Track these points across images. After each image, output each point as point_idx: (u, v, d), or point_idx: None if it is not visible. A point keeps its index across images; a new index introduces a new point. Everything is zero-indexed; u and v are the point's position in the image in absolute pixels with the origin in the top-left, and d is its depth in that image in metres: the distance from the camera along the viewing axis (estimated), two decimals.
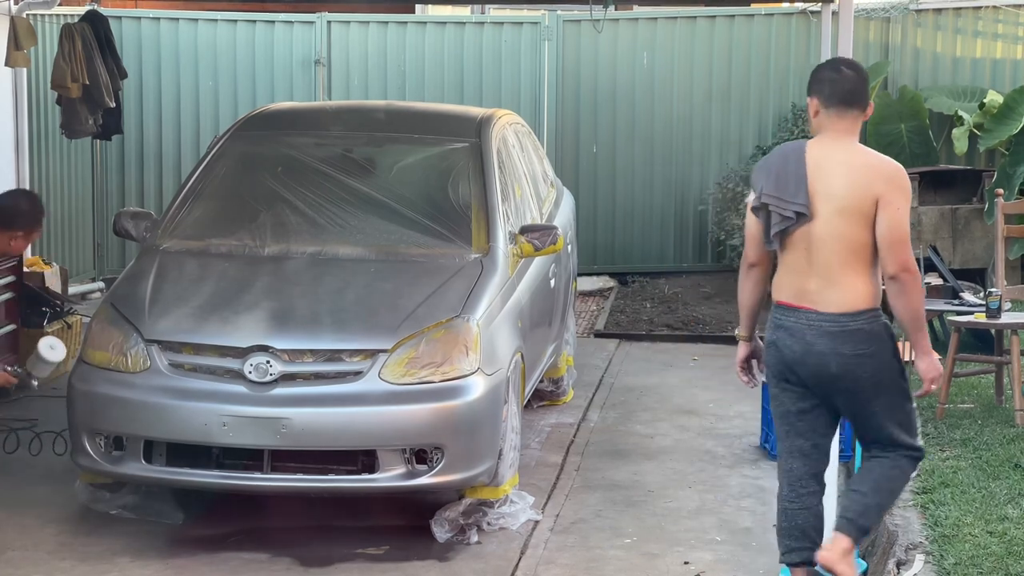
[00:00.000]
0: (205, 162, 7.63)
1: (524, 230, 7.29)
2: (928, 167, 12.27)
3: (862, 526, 5.04)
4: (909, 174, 5.16)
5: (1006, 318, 7.97)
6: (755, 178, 5.15)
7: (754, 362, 5.42)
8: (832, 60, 5.40)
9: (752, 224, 5.15)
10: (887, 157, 5.05)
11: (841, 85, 5.03)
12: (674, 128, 13.20)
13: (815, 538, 5.11)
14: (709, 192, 12.98)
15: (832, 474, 6.05)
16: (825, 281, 4.96)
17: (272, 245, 7.04)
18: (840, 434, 6.33)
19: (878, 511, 5.12)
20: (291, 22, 13.09)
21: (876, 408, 5.03)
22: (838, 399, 5.06)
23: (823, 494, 5.19)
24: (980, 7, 13.06)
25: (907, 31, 13.08)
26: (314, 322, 6.40)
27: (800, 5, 12.89)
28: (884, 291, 5.00)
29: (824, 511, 5.23)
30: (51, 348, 6.13)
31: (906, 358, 8.68)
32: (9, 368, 6.12)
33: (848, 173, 4.95)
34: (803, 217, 4.95)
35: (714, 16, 13.11)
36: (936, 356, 5.15)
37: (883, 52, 13.07)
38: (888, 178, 4.91)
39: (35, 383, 6.26)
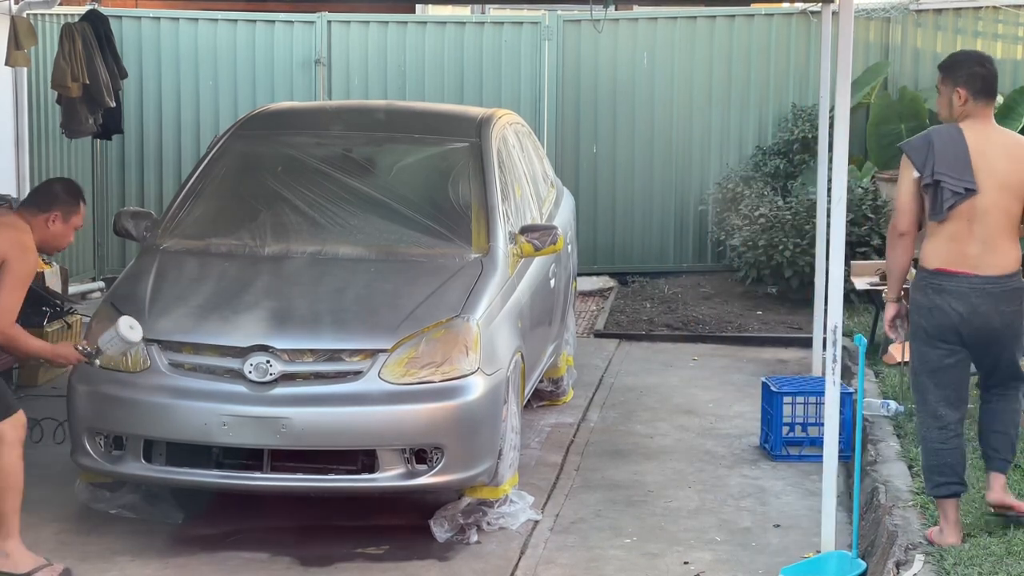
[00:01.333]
0: (205, 162, 7.64)
1: (524, 230, 7.30)
2: None
3: (1010, 459, 5.84)
4: None
5: None
6: (915, 158, 5.79)
7: (898, 321, 5.97)
8: (977, 55, 6.22)
9: (909, 198, 5.75)
10: None
11: (990, 80, 6.02)
12: (674, 128, 13.19)
13: (961, 473, 5.75)
14: (709, 192, 12.98)
15: (832, 475, 6.07)
16: (985, 247, 5.60)
17: (272, 245, 7.05)
18: (840, 434, 6.34)
19: (1016, 442, 5.88)
20: (291, 22, 13.09)
21: (1013, 352, 5.72)
22: (990, 350, 5.70)
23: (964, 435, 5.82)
24: (980, 7, 13.06)
25: (907, 31, 13.07)
26: (314, 322, 6.40)
27: (800, 5, 12.88)
28: None
29: None
30: (131, 328, 5.95)
31: (904, 359, 8.68)
32: (79, 346, 6.06)
33: (1007, 154, 5.76)
34: (971, 192, 5.60)
35: (714, 16, 13.11)
36: None
37: (883, 52, 13.07)
38: None
39: (97, 362, 6.14)
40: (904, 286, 5.89)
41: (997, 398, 5.80)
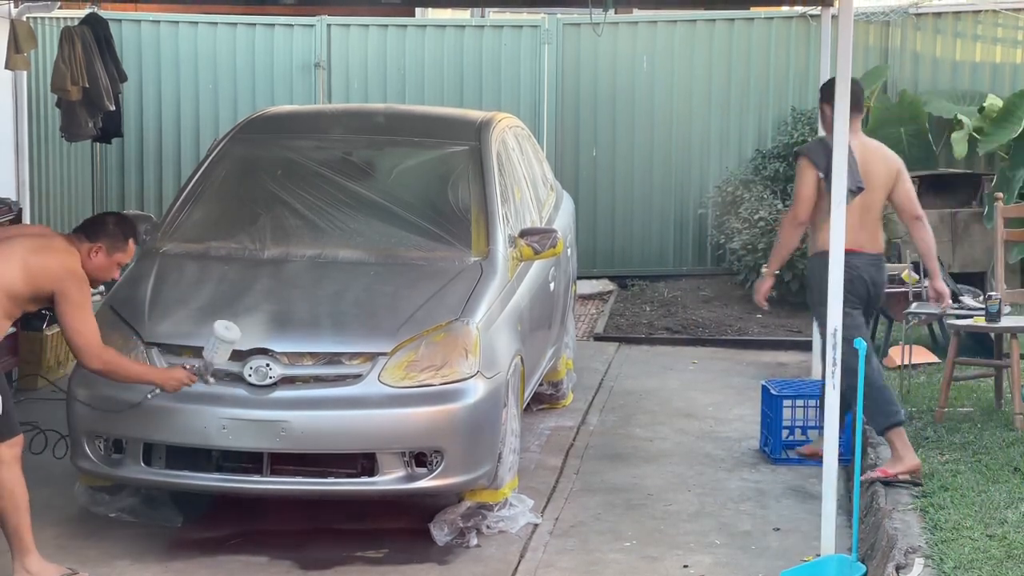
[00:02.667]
0: (205, 165, 7.64)
1: (524, 233, 7.29)
2: (927, 171, 12.27)
3: None
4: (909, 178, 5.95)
5: (1006, 322, 7.97)
6: (818, 161, 6.92)
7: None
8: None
9: (811, 193, 7.03)
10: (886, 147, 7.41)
11: (859, 96, 7.09)
12: (674, 131, 13.20)
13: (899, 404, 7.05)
14: (708, 195, 12.98)
15: (832, 475, 6.07)
16: (870, 233, 7.08)
17: (272, 248, 7.04)
18: (841, 436, 6.34)
19: None
20: (291, 25, 13.10)
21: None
22: (872, 308, 7.32)
23: None
24: (980, 11, 13.06)
25: (907, 35, 13.08)
26: (314, 325, 6.40)
27: (800, 9, 12.88)
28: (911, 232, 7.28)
29: None
30: (227, 328, 5.90)
31: (905, 362, 8.69)
32: (188, 365, 6.04)
33: (882, 158, 7.24)
34: (862, 190, 6.89)
35: (714, 20, 13.11)
36: None
37: (882, 56, 13.08)
38: (900, 161, 7.33)
39: (212, 380, 6.01)
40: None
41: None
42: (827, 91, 6.83)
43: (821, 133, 9.25)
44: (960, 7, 13.15)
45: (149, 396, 6.03)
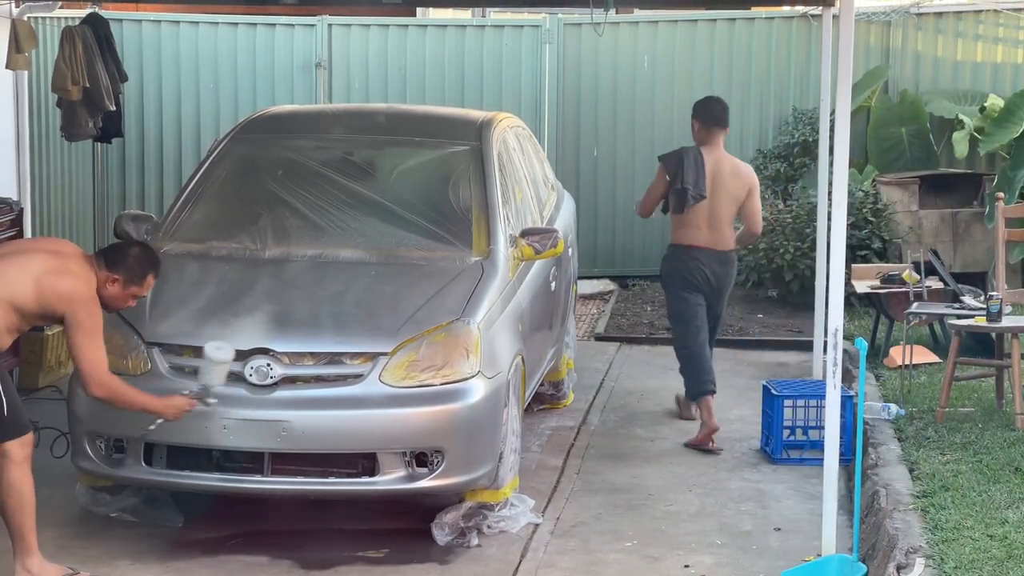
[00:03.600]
0: (206, 165, 7.64)
1: (525, 233, 7.29)
2: (929, 171, 12.28)
3: (715, 383, 8.36)
4: (910, 178, 5.92)
5: (1006, 322, 7.96)
6: (669, 170, 8.21)
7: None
8: (713, 98, 8.60)
9: (658, 195, 8.35)
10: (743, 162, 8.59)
11: (717, 114, 8.37)
12: (675, 131, 13.16)
13: (713, 376, 8.27)
14: None
15: (832, 475, 6.07)
16: (714, 232, 8.25)
17: (273, 248, 7.04)
18: (842, 437, 6.34)
19: None
20: (292, 25, 13.10)
21: (724, 303, 8.54)
22: (718, 298, 8.39)
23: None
24: (981, 11, 13.06)
25: (908, 35, 13.08)
26: (315, 325, 6.39)
27: (800, 9, 12.88)
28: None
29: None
30: (218, 349, 5.91)
31: (906, 362, 8.69)
32: (187, 391, 6.05)
33: (732, 173, 8.29)
34: (703, 198, 8.14)
35: (715, 20, 13.12)
36: None
37: (884, 56, 13.08)
38: (753, 177, 8.41)
39: (213, 400, 5.98)
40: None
41: (711, 337, 8.41)
42: (698, 108, 8.42)
43: (822, 133, 9.27)
44: (961, 7, 13.15)
45: (151, 428, 6.01)
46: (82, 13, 11.15)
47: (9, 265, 5.73)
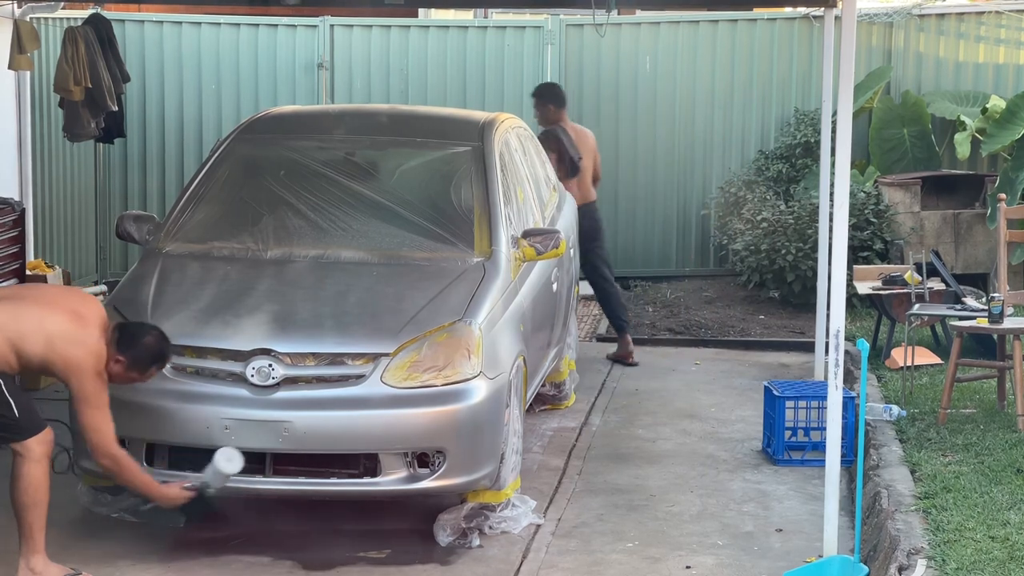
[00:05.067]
0: (208, 165, 7.64)
1: (526, 234, 7.29)
2: (931, 172, 12.29)
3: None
4: (912, 179, 5.74)
5: (1008, 323, 7.97)
6: (556, 146, 9.71)
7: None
8: (549, 83, 10.96)
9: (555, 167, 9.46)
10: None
11: (563, 96, 10.17)
12: (676, 132, 13.20)
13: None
14: (711, 196, 12.98)
15: (834, 476, 6.07)
16: (584, 189, 10.10)
17: (275, 248, 7.05)
18: (843, 439, 6.34)
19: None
20: (294, 26, 13.10)
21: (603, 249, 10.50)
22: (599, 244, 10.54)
23: None
24: (983, 12, 13.06)
25: (910, 36, 13.07)
26: (316, 325, 6.39)
27: (803, 10, 12.88)
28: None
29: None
30: (228, 461, 5.94)
31: (907, 363, 8.69)
32: (188, 485, 6.08)
33: (587, 139, 10.24)
34: (581, 160, 9.90)
35: (716, 21, 13.11)
36: None
37: (886, 57, 13.08)
38: (591, 134, 10.49)
39: (212, 491, 6.04)
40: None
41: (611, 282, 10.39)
42: (548, 94, 10.16)
43: (824, 134, 9.26)
44: (963, 8, 13.15)
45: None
46: (84, 14, 11.16)
47: (28, 311, 5.74)
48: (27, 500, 5.66)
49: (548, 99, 10.10)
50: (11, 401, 5.64)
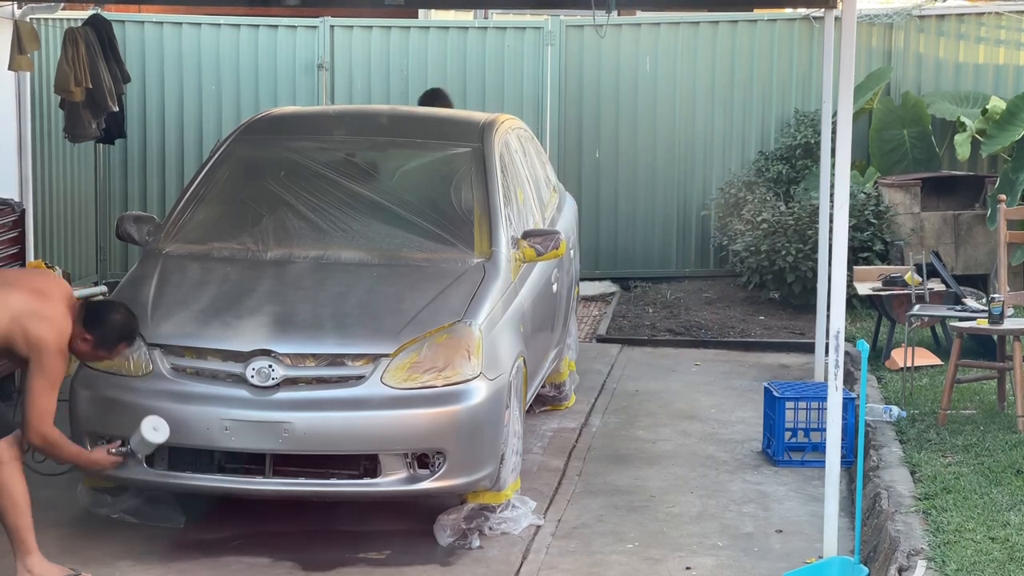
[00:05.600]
0: (208, 166, 7.64)
1: (526, 235, 7.29)
2: (931, 173, 12.28)
3: None
4: (912, 180, 5.63)
5: (1008, 324, 7.97)
6: None
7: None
8: (435, 88, 10.58)
9: None
10: None
11: (449, 98, 10.00)
12: (677, 133, 13.20)
13: None
14: (711, 197, 12.98)
15: (834, 477, 6.07)
16: None
17: (275, 249, 7.05)
18: (843, 440, 6.34)
19: None
20: (294, 26, 13.09)
21: None
22: None
23: None
24: (983, 13, 13.06)
25: (910, 37, 13.07)
26: (316, 326, 6.39)
27: (802, 11, 12.88)
28: None
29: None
30: (154, 430, 5.96)
31: (907, 364, 8.68)
32: (113, 450, 6.07)
33: None
34: None
35: (716, 21, 13.11)
36: None
37: (886, 58, 13.07)
38: None
39: (140, 457, 6.07)
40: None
41: None
42: (436, 98, 10.15)
43: (824, 135, 9.26)
44: (963, 9, 13.15)
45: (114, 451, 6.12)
46: (85, 14, 11.16)
47: None
48: (7, 503, 5.63)
49: (436, 104, 10.08)
50: None
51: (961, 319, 8.40)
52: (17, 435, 5.71)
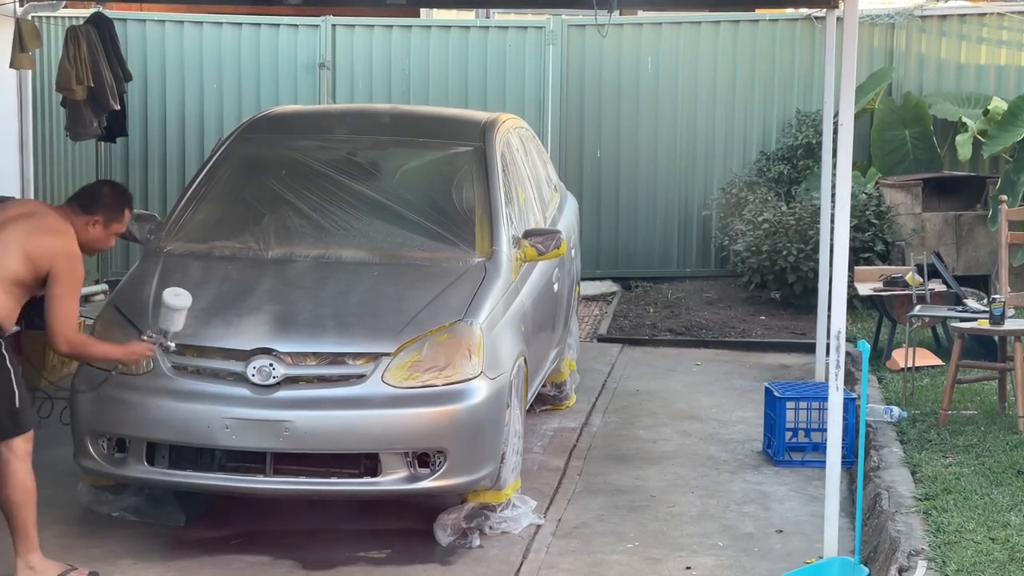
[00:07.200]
0: (209, 165, 7.64)
1: (528, 234, 7.29)
2: (932, 173, 12.28)
3: None
4: (913, 180, 5.64)
5: (1009, 325, 7.96)
6: None
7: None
8: None
9: None
10: None
11: None
12: (678, 133, 13.20)
13: None
14: (713, 197, 12.98)
15: (834, 478, 6.07)
16: None
17: (276, 248, 7.04)
18: (843, 440, 6.34)
19: None
20: (296, 25, 13.10)
21: None
22: None
23: None
24: (985, 13, 13.06)
25: (911, 37, 13.07)
26: (317, 325, 6.39)
27: (804, 11, 12.88)
28: None
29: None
30: (176, 296, 5.95)
31: (908, 364, 8.69)
32: (145, 336, 6.08)
33: None
34: None
35: (718, 21, 13.12)
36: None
37: (887, 58, 13.07)
38: None
39: (172, 345, 6.02)
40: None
41: None
42: None
43: (826, 135, 9.25)
44: (965, 9, 13.15)
45: (113, 372, 6.13)
46: (86, 12, 11.17)
47: None
48: (18, 498, 5.66)
49: None
50: (15, 393, 5.64)
51: (962, 320, 8.39)
52: (32, 434, 5.73)
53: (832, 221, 6.72)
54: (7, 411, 5.63)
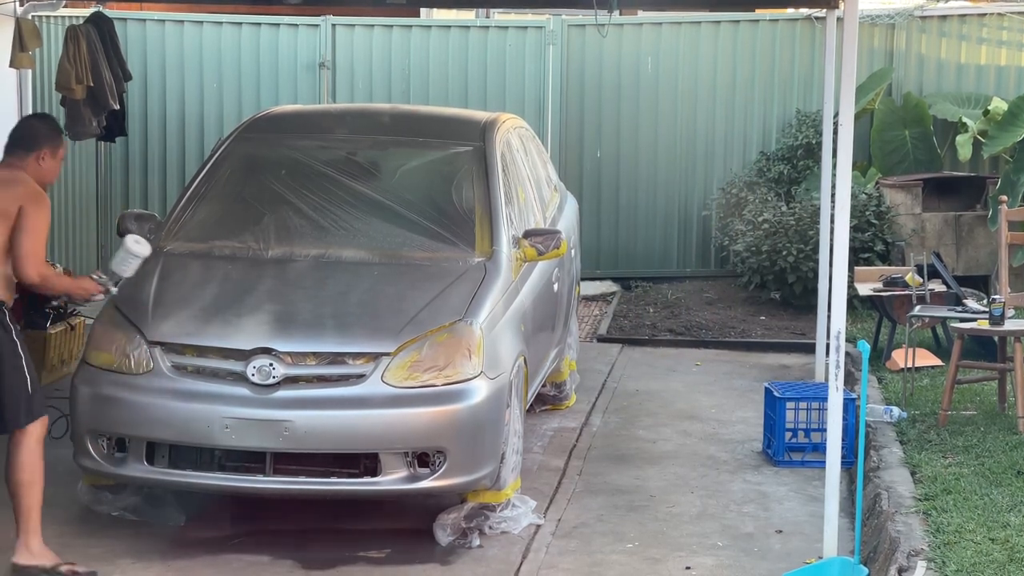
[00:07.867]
0: (209, 164, 7.64)
1: (527, 234, 7.29)
2: (932, 174, 12.28)
3: None
4: (913, 180, 5.67)
5: (1009, 325, 7.96)
6: None
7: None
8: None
9: None
10: None
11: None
12: (678, 133, 13.20)
13: None
14: (713, 197, 12.98)
15: (834, 478, 6.07)
16: None
17: (276, 248, 7.04)
18: (844, 440, 6.34)
19: None
20: (296, 25, 13.10)
21: None
22: None
23: None
24: (985, 14, 13.05)
25: (912, 37, 13.07)
26: (317, 325, 6.39)
27: (804, 11, 12.88)
28: None
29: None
30: (137, 242, 6.11)
31: (908, 364, 8.68)
32: (95, 276, 6.16)
33: None
34: None
35: (718, 21, 13.11)
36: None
37: (887, 58, 13.07)
38: None
39: (115, 289, 6.16)
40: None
41: None
42: None
43: (826, 135, 9.25)
44: (965, 10, 13.15)
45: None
46: (86, 12, 11.16)
47: None
48: (26, 478, 5.74)
49: None
50: (27, 377, 5.73)
51: (962, 320, 8.40)
52: (46, 419, 5.85)
53: (832, 221, 6.72)
54: (24, 398, 5.72)
